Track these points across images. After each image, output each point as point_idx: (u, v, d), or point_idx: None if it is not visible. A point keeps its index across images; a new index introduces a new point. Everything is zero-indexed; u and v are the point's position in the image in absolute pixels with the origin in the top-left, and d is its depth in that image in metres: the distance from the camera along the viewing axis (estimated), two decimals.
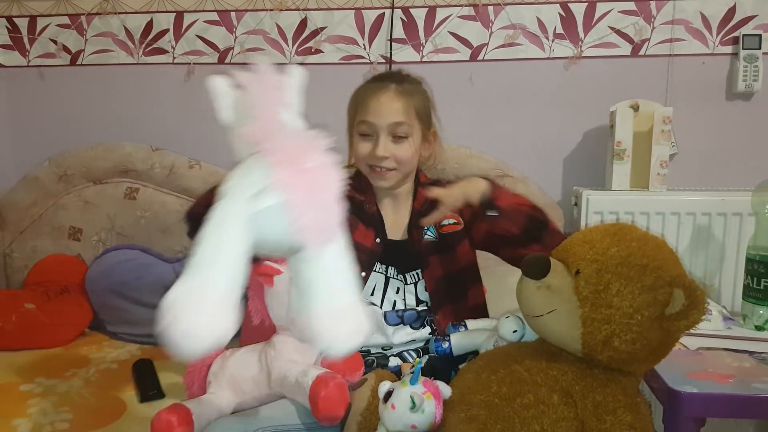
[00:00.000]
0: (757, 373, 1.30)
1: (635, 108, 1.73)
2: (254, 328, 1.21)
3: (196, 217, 0.93)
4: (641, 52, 1.84)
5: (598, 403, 0.90)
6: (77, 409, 1.35)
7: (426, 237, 1.28)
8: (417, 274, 1.28)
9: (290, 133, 0.80)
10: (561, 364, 0.95)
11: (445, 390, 0.98)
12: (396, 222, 1.31)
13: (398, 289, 1.27)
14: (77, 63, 2.05)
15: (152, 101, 2.04)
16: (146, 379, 1.48)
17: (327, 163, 0.76)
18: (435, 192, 1.13)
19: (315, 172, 0.74)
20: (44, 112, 2.09)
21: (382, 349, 1.25)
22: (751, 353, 1.29)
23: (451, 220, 1.29)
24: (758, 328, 1.48)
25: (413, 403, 0.93)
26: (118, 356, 1.67)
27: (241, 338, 1.57)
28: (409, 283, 1.28)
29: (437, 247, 1.28)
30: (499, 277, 1.66)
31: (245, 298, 1.34)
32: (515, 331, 1.10)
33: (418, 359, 1.01)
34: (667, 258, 0.95)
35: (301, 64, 1.92)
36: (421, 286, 1.28)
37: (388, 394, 0.98)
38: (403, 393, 0.95)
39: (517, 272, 1.75)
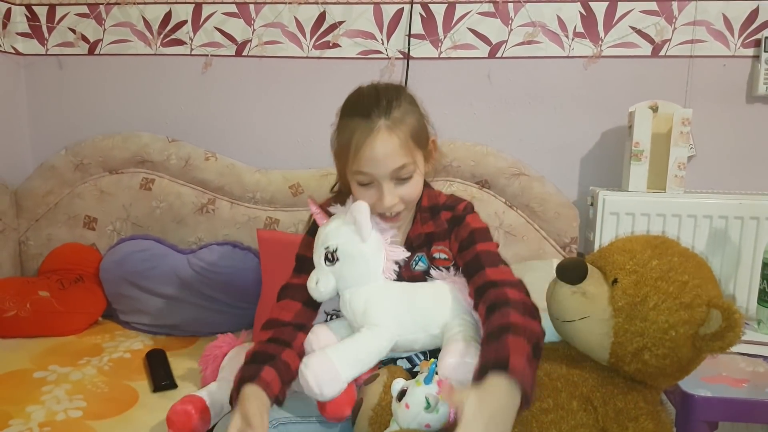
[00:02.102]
0: None
1: (654, 109, 1.72)
2: None
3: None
4: (662, 53, 1.82)
5: (620, 409, 0.90)
6: (90, 397, 1.36)
7: (417, 267, 1.19)
8: None
9: None
10: (582, 370, 0.95)
11: None
12: None
13: None
14: (95, 52, 2.05)
15: (169, 92, 2.04)
16: (159, 369, 1.49)
17: None
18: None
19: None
20: (62, 100, 2.10)
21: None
22: (765, 358, 1.29)
23: (443, 255, 1.18)
24: None
25: (428, 403, 0.94)
26: (130, 345, 1.68)
27: (254, 335, 1.59)
28: None
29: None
30: None
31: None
32: None
33: (432, 360, 1.01)
34: (707, 277, 0.94)
35: (319, 58, 1.95)
36: None
37: (402, 393, 0.98)
38: (417, 393, 0.95)
39: (531, 272, 1.74)
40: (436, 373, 0.98)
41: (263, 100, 2.01)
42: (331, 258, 1.08)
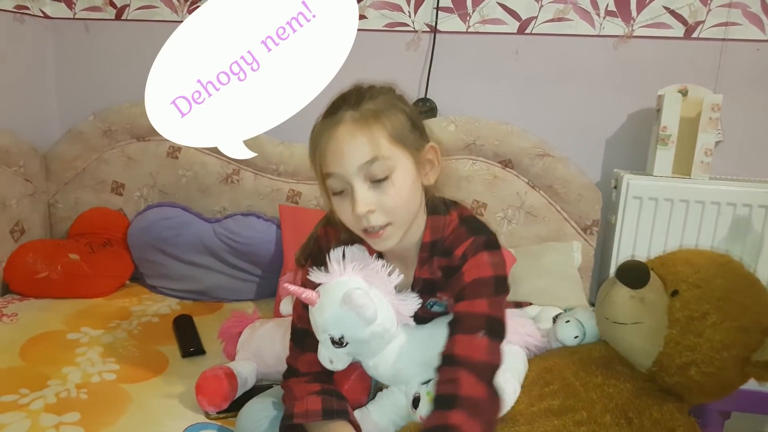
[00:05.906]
0: None
1: (684, 93, 1.70)
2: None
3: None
4: (694, 35, 1.79)
5: (656, 420, 0.90)
6: (123, 361, 1.41)
7: (434, 310, 1.06)
8: None
9: None
10: (617, 380, 0.95)
11: None
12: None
13: None
14: (122, 18, 2.05)
15: None
16: (187, 335, 1.53)
17: None
18: None
19: None
20: (89, 65, 2.11)
21: None
22: None
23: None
24: None
25: None
26: (158, 310, 1.73)
27: (275, 310, 1.62)
28: None
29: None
30: (532, 258, 1.67)
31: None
32: (576, 337, 1.07)
33: None
34: (766, 304, 0.94)
35: None
36: None
37: (416, 400, 0.97)
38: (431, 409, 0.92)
39: (550, 253, 1.75)
40: None
41: None
42: (339, 342, 0.96)
